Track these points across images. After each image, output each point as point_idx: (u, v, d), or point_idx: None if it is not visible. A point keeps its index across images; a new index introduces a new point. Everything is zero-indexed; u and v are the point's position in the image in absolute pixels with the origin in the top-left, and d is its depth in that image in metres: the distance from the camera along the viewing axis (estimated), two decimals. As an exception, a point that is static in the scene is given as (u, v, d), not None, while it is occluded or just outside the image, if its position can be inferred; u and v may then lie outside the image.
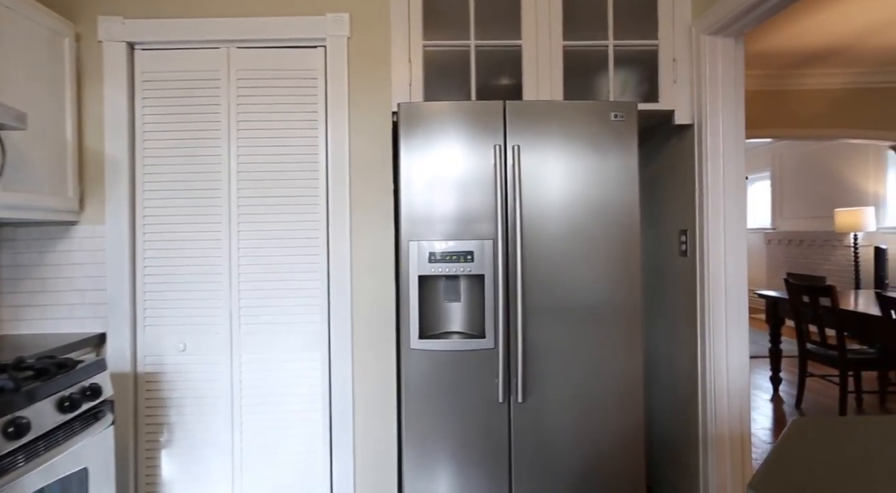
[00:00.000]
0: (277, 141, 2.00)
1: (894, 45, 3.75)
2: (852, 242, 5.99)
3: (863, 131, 4.56)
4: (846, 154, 6.38)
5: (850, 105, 4.54)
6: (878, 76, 4.45)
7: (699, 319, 2.02)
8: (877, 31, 3.52)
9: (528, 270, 1.82)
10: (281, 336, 2.02)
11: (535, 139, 1.84)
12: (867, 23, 3.35)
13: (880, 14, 3.22)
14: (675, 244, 2.22)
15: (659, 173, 2.38)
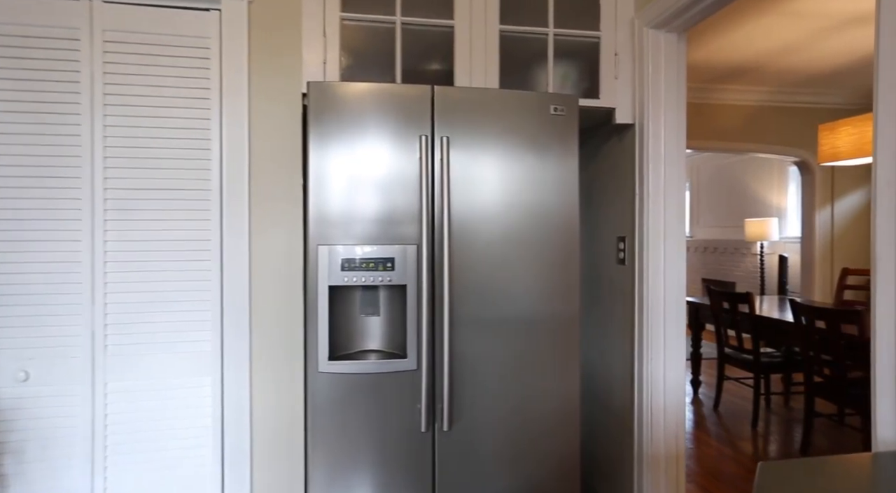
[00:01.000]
0: (158, 122, 1.64)
1: (801, 66, 3.94)
2: (759, 251, 6.36)
3: (771, 147, 4.81)
4: (755, 168, 6.79)
5: (761, 122, 4.76)
6: (786, 96, 4.71)
7: (637, 331, 1.90)
8: (788, 52, 3.67)
9: (456, 279, 1.60)
10: (160, 358, 1.65)
11: (466, 131, 1.62)
12: (782, 42, 3.48)
13: (794, 35, 3.35)
14: (613, 252, 2.09)
15: (597, 176, 2.25)
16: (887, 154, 0.96)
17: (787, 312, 3.62)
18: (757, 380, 3.42)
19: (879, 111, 0.98)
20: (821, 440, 3.11)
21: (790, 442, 3.07)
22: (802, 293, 4.90)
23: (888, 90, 0.98)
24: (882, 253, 0.98)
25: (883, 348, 0.98)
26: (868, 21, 3.15)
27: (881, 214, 0.99)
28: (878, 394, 1.00)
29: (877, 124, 0.98)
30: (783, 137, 4.78)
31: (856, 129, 3.12)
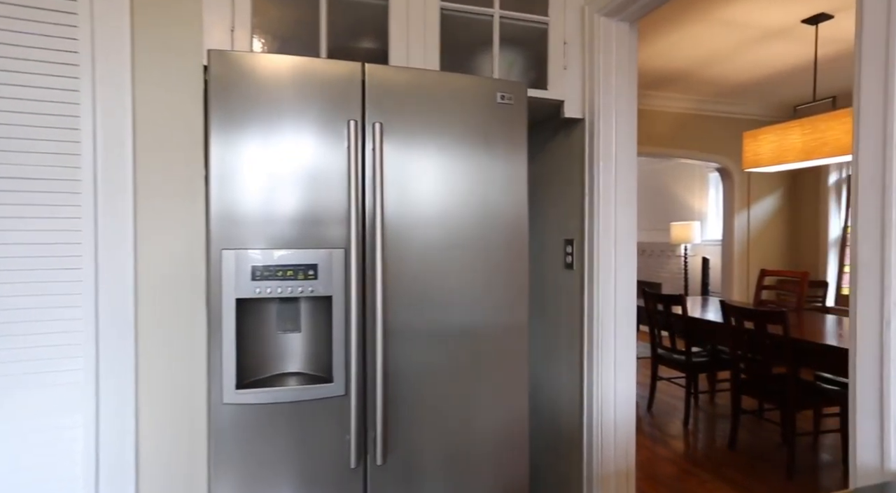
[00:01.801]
0: (5, 90, 1.29)
1: (725, 77, 4.08)
2: (683, 253, 6.63)
3: (695, 153, 4.97)
4: (679, 173, 7.08)
5: (686, 129, 4.91)
6: (710, 105, 4.88)
7: (585, 341, 1.76)
8: (714, 62, 3.78)
9: (392, 287, 1.38)
10: (13, 394, 1.30)
11: (402, 118, 1.41)
12: (708, 52, 3.56)
13: (720, 45, 3.43)
14: (560, 255, 1.95)
15: (542, 175, 2.11)
16: (869, 152, 0.86)
17: (708, 311, 3.71)
18: (689, 379, 3.47)
19: (861, 108, 0.88)
20: (746, 435, 3.19)
21: (719, 438, 3.12)
22: (723, 293, 5.11)
23: (870, 86, 0.88)
24: (865, 258, 0.88)
25: (866, 365, 0.88)
26: (785, 36, 3.27)
27: (864, 217, 0.89)
28: (858, 415, 0.90)
29: (858, 122, 0.88)
30: (706, 144, 4.97)
31: (776, 137, 3.23)
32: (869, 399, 0.87)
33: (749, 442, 3.09)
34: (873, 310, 0.86)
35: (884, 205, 0.83)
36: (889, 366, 0.81)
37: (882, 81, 0.85)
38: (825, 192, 4.85)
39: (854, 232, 0.91)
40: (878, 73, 0.88)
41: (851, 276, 0.91)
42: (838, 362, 2.48)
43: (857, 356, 0.88)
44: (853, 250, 0.90)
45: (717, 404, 3.86)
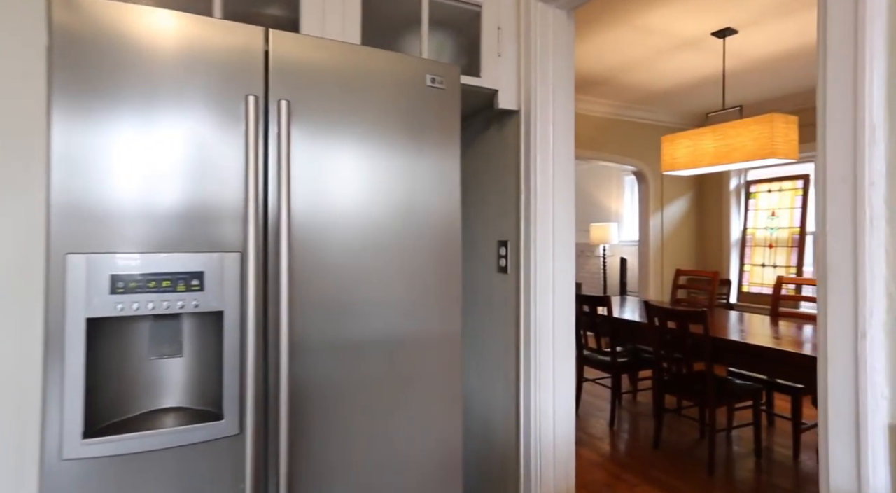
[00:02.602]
0: None
1: (641, 84, 4.19)
2: (602, 253, 6.83)
3: (614, 157, 5.10)
4: (597, 176, 7.30)
5: (606, 132, 5.03)
6: (627, 111, 5.03)
7: (522, 352, 1.62)
8: (632, 68, 3.85)
9: (301, 298, 1.15)
10: None
11: (315, 97, 1.18)
12: (628, 58, 3.62)
13: (639, 52, 3.49)
14: (493, 258, 1.80)
15: (474, 171, 1.95)
16: (838, 147, 0.77)
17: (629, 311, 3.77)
18: (614, 380, 3.49)
19: (828, 101, 0.79)
20: (667, 432, 3.25)
21: (643, 438, 3.15)
22: (640, 292, 5.29)
23: (838, 76, 0.79)
24: (835, 263, 0.79)
25: (839, 381, 0.79)
26: (697, 47, 3.39)
27: (833, 218, 0.80)
28: (831, 437, 0.81)
29: (824, 115, 0.79)
30: (624, 148, 5.11)
31: (692, 141, 3.32)
32: (843, 420, 0.78)
33: (671, 440, 3.14)
34: (846, 320, 0.77)
35: (856, 204, 0.74)
36: (865, 383, 0.72)
37: (851, 71, 0.77)
38: (727, 196, 5.16)
39: (821, 234, 0.82)
40: (847, 62, 0.79)
41: (819, 283, 0.82)
42: (753, 359, 2.55)
43: (828, 372, 0.79)
44: (820, 254, 0.81)
45: (638, 402, 3.93)
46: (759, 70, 3.88)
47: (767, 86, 4.18)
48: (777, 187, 4.76)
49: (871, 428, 0.69)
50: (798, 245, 4.55)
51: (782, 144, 2.75)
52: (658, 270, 5.26)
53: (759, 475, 2.66)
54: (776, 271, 4.71)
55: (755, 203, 4.96)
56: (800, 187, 4.57)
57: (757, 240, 4.91)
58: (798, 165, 4.64)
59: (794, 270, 4.57)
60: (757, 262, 4.89)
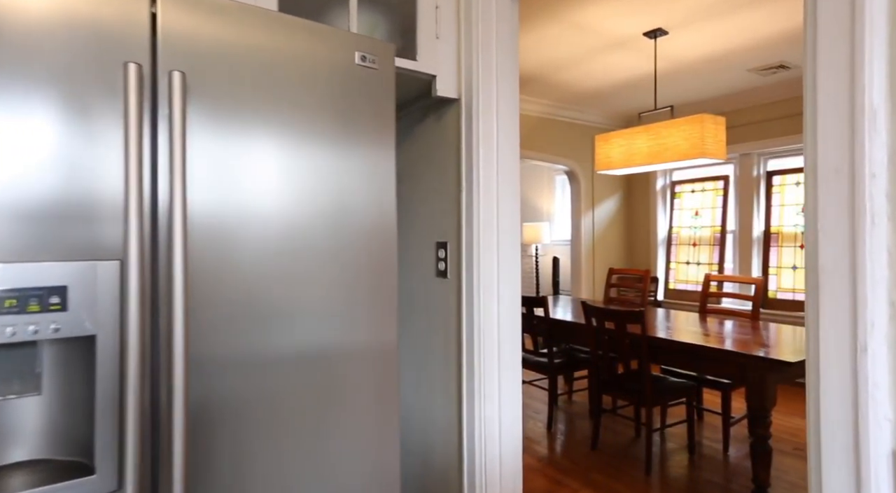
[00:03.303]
0: None
1: (573, 82, 4.21)
2: (534, 253, 6.89)
3: (547, 156, 5.12)
4: (528, 175, 7.36)
5: (539, 131, 5.04)
6: (559, 110, 5.06)
7: (465, 363, 1.48)
8: (565, 67, 3.85)
9: (202, 312, 0.94)
10: None
11: (219, 71, 0.97)
12: (561, 56, 3.61)
13: (572, 50, 3.48)
14: (431, 261, 1.65)
15: (410, 165, 1.79)
16: (831, 135, 0.69)
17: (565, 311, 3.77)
18: (551, 381, 3.45)
19: (819, 82, 0.71)
20: (603, 432, 3.25)
21: (581, 440, 3.13)
22: (573, 291, 5.35)
23: (831, 50, 0.71)
24: (829, 266, 0.71)
25: (834, 402, 0.71)
26: (629, 47, 3.42)
27: (826, 215, 0.72)
28: (825, 464, 0.73)
29: (814, 99, 0.71)
30: (556, 147, 5.14)
31: (625, 141, 3.35)
32: (839, 446, 0.70)
33: (608, 440, 3.14)
34: (842, 332, 0.69)
35: (854, 199, 0.66)
36: (866, 403, 0.64)
37: (847, 45, 0.68)
38: (654, 196, 5.34)
39: (811, 234, 0.73)
40: (841, 36, 0.70)
41: (808, 289, 0.74)
42: (690, 358, 2.58)
43: (820, 391, 0.71)
44: (810, 256, 0.72)
45: (574, 402, 3.93)
46: (688, 72, 4.00)
47: (696, 88, 4.34)
48: (700, 188, 4.97)
49: (874, 456, 0.61)
50: (719, 243, 4.77)
51: (712, 145, 2.82)
52: (590, 268, 5.35)
53: (693, 471, 2.70)
54: (700, 269, 4.92)
55: (680, 203, 5.16)
56: (721, 188, 4.80)
57: (682, 238, 5.11)
58: (719, 167, 4.87)
59: (716, 267, 4.79)
60: (682, 260, 5.09)
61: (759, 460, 2.28)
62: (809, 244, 0.72)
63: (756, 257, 4.52)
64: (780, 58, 3.64)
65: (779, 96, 4.30)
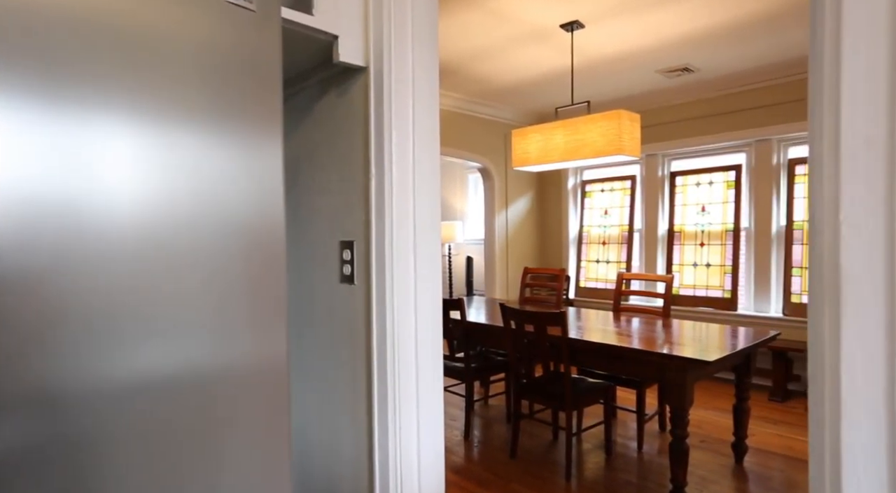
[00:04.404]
0: None
1: (491, 75, 4.09)
2: (447, 253, 6.75)
3: (460, 152, 4.98)
4: (442, 172, 7.21)
5: (453, 127, 4.88)
6: (473, 106, 4.94)
7: (376, 384, 1.23)
8: (481, 58, 3.71)
9: (21, 330, 0.61)
10: None
11: (26, 14, 0.64)
12: (479, 46, 3.46)
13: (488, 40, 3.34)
14: (334, 264, 1.38)
15: (309, 150, 1.49)
16: (862, 92, 0.53)
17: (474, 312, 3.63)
18: (468, 387, 3.28)
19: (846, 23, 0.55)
20: (523, 437, 3.14)
21: (500, 448, 2.99)
22: (487, 291, 5.26)
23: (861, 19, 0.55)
24: (855, 271, 0.56)
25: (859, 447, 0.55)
26: (546, 39, 3.35)
27: (854, 201, 0.56)
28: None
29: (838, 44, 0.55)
30: (469, 144, 5.02)
31: (543, 136, 3.27)
32: (868, 480, 0.54)
33: (526, 446, 3.03)
34: (875, 355, 0.53)
35: (893, 178, 0.50)
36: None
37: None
38: (565, 194, 5.40)
39: (826, 229, 0.57)
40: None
41: (816, 295, 0.58)
42: (610, 359, 2.52)
43: (842, 416, 0.55)
44: (821, 256, 0.56)
45: (490, 406, 3.81)
46: (602, 69, 4.02)
47: (610, 86, 4.39)
48: (609, 187, 5.09)
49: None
50: (627, 242, 4.91)
51: (628, 142, 2.79)
52: (504, 268, 5.29)
53: (612, 472, 2.65)
54: (609, 267, 5.04)
55: (590, 202, 5.25)
56: (628, 187, 4.94)
57: (592, 237, 5.21)
58: (627, 167, 5.01)
59: (624, 264, 4.92)
60: (592, 258, 5.19)
61: (677, 459, 2.26)
62: (822, 243, 0.56)
63: (661, 255, 4.69)
64: (685, 60, 3.76)
65: (683, 99, 4.48)
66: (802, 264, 3.91)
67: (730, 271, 4.22)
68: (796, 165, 3.96)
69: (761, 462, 2.74)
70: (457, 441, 3.11)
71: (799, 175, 3.95)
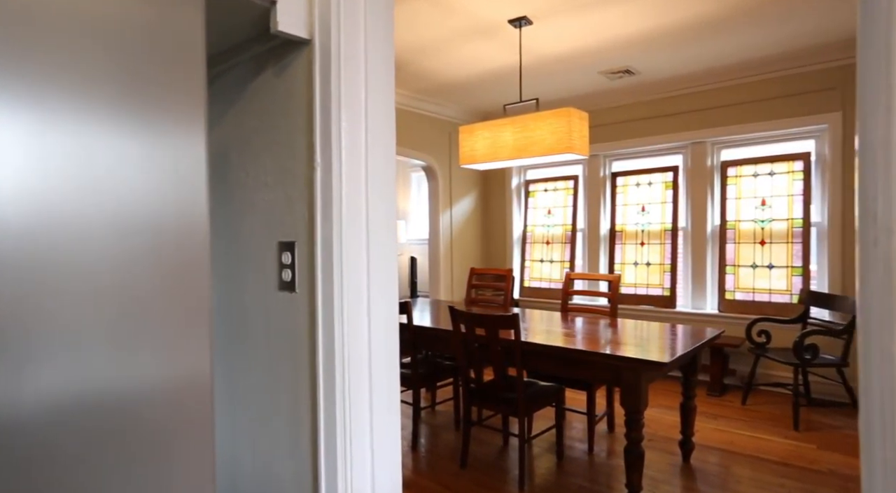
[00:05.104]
0: None
1: (437, 71, 3.97)
2: (391, 252, 6.55)
3: (405, 150, 4.83)
4: (384, 171, 7.00)
5: (397, 124, 4.70)
6: (419, 103, 4.80)
7: (322, 410, 1.06)
8: (429, 52, 3.58)
9: None
10: None
11: None
12: (425, 39, 3.32)
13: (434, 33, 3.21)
14: (272, 269, 1.19)
15: (243, 139, 1.29)
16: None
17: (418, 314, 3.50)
18: (416, 395, 3.13)
19: None
20: (473, 445, 3.04)
21: (449, 458, 2.86)
22: (431, 293, 5.14)
23: None
24: None
25: None
26: (493, 35, 3.26)
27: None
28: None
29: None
30: (414, 142, 4.87)
31: (491, 133, 3.18)
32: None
33: (477, 454, 2.92)
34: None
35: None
36: None
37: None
38: (509, 194, 5.38)
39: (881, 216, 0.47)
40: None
41: (867, 296, 0.48)
42: (564, 363, 2.45)
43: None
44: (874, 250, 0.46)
45: (438, 412, 3.68)
46: (549, 68, 3.99)
47: (556, 85, 4.38)
48: (553, 187, 5.11)
49: None
50: (570, 241, 4.94)
51: (578, 140, 2.75)
52: (448, 268, 5.18)
53: (565, 477, 2.59)
54: (553, 266, 5.06)
55: (534, 201, 5.25)
56: (571, 187, 4.98)
57: (536, 236, 5.21)
58: (570, 167, 5.05)
59: (567, 264, 4.95)
60: (536, 257, 5.19)
61: (633, 464, 2.22)
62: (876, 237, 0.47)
63: (603, 254, 4.76)
64: (626, 62, 3.81)
65: (624, 101, 4.56)
66: (735, 263, 4.07)
67: (669, 270, 4.34)
68: (728, 167, 4.13)
69: (707, 459, 2.78)
70: (405, 453, 2.95)
71: (731, 177, 4.11)
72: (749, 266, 3.99)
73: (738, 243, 4.05)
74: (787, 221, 3.84)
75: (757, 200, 3.98)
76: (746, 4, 2.89)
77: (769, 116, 3.88)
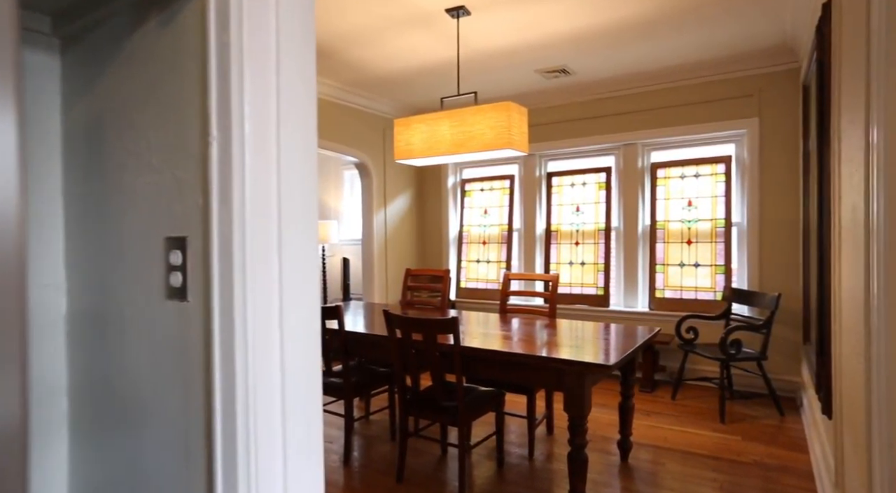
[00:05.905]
0: None
1: (370, 62, 3.76)
2: (322, 254, 6.22)
3: (335, 145, 4.56)
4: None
5: (327, 118, 4.44)
6: (351, 96, 4.55)
7: (219, 451, 0.84)
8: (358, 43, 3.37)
9: None
10: None
11: None
12: (356, 28, 3.10)
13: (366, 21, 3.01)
14: (157, 270, 0.95)
15: (113, 111, 1.03)
16: None
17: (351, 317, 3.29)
18: (348, 406, 2.90)
19: None
20: (409, 456, 2.85)
21: (385, 472, 2.66)
22: (365, 295, 4.90)
23: None
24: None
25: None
26: (430, 25, 3.11)
27: None
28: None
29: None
30: (346, 137, 4.62)
31: (428, 127, 3.02)
32: None
33: (413, 466, 2.74)
34: None
35: None
36: None
37: None
38: (445, 193, 5.25)
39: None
40: None
41: None
42: (505, 367, 2.33)
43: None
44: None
45: (372, 421, 3.46)
46: (487, 63, 3.88)
47: (494, 82, 4.28)
48: (489, 186, 5.03)
49: None
50: (507, 241, 4.88)
51: (517, 135, 2.64)
52: (382, 269, 4.96)
53: (506, 486, 2.47)
54: (490, 266, 4.97)
55: (470, 201, 5.15)
56: (507, 187, 4.92)
57: (472, 236, 5.11)
58: (505, 166, 4.99)
59: (504, 264, 4.88)
60: (473, 258, 5.09)
61: (577, 470, 2.13)
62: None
63: (539, 254, 4.73)
64: (562, 61, 3.78)
65: (560, 101, 4.55)
66: (665, 262, 4.16)
67: (602, 269, 4.37)
68: (658, 169, 4.22)
69: (643, 457, 2.77)
70: (336, 468, 2.72)
71: (660, 178, 4.21)
72: (677, 265, 4.10)
73: (668, 243, 4.14)
74: (712, 221, 3.98)
75: (684, 200, 4.09)
76: (673, 10, 2.92)
77: (694, 120, 4.00)
